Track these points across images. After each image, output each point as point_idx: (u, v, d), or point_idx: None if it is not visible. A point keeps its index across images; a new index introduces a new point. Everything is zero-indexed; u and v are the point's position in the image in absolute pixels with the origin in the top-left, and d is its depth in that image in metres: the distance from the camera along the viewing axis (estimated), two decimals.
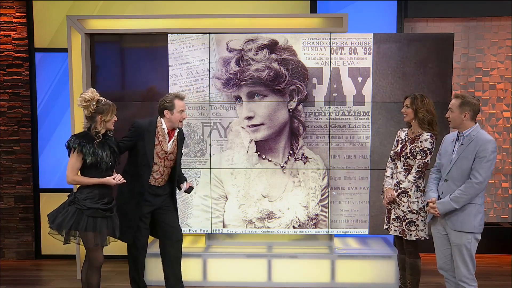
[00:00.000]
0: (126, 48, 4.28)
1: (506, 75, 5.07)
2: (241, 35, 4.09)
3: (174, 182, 3.56)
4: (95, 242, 3.09)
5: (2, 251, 4.95)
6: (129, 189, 3.39)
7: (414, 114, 3.31)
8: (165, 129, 3.41)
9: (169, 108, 3.39)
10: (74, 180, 3.07)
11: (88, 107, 3.07)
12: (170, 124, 3.42)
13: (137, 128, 3.39)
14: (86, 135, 3.09)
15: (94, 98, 3.07)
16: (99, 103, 3.09)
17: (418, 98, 3.31)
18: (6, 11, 4.81)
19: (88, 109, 3.07)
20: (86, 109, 3.08)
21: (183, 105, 3.43)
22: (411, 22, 5.01)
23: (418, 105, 3.29)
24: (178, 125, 3.44)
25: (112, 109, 3.13)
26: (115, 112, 3.15)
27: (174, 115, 3.39)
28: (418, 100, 3.30)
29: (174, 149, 3.49)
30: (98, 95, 3.11)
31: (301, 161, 4.16)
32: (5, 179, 4.91)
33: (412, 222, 3.27)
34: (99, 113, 3.08)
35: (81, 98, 3.07)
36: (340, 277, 4.08)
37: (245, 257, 4.12)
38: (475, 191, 2.90)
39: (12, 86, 4.86)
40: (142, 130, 3.37)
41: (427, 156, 3.23)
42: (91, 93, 3.09)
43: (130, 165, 3.46)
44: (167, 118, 3.41)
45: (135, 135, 3.38)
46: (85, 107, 3.07)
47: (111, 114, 3.12)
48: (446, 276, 3.16)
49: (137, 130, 3.38)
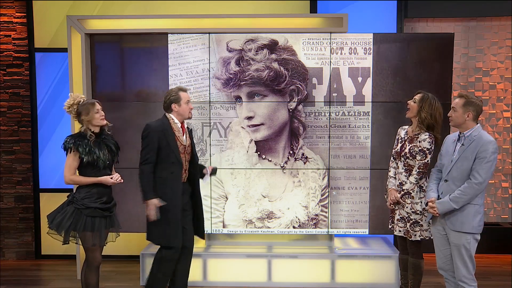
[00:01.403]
0: (126, 48, 4.28)
1: (506, 75, 5.07)
2: (241, 35, 4.09)
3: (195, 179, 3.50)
4: (92, 242, 3.10)
5: (2, 251, 4.95)
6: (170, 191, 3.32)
7: (418, 111, 3.26)
8: (178, 124, 3.41)
9: (176, 100, 3.38)
10: (71, 179, 3.10)
11: (71, 112, 3.18)
12: (180, 118, 3.41)
13: (153, 130, 3.31)
14: (81, 135, 3.13)
15: (75, 102, 3.16)
16: (79, 105, 3.16)
17: (428, 98, 3.24)
18: (6, 11, 4.81)
19: (72, 113, 3.18)
20: (71, 114, 3.19)
21: (188, 96, 3.43)
22: (411, 22, 5.01)
23: (424, 105, 3.23)
24: (188, 116, 3.42)
25: (90, 107, 3.13)
26: (94, 109, 3.14)
27: (182, 106, 3.38)
28: (428, 99, 3.23)
29: (188, 142, 3.48)
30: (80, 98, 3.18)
31: (301, 161, 4.16)
32: (5, 179, 4.92)
33: (416, 223, 3.26)
34: (80, 115, 3.15)
35: (65, 104, 3.18)
36: (340, 277, 4.08)
37: (245, 257, 4.12)
38: (475, 191, 2.90)
39: (12, 86, 4.86)
40: (159, 130, 3.32)
41: (427, 156, 3.22)
42: (72, 98, 3.18)
43: (161, 169, 3.34)
44: (175, 111, 3.39)
45: (154, 136, 3.30)
46: (70, 112, 3.19)
47: (90, 112, 3.12)
48: (445, 276, 3.16)
49: (153, 131, 3.31)
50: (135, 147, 4.20)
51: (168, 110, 3.41)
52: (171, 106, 3.38)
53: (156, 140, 3.29)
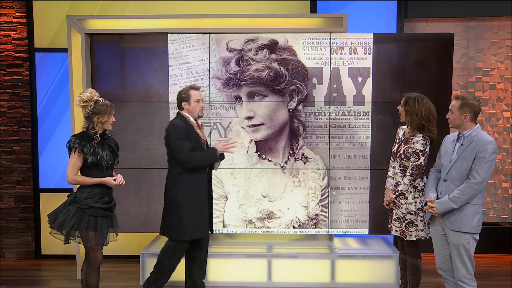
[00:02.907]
0: (126, 48, 4.28)
1: (506, 75, 5.07)
2: (241, 35, 4.09)
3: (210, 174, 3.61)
4: (96, 242, 3.11)
5: (2, 251, 4.95)
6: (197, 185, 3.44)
7: (405, 115, 3.29)
8: (193, 121, 3.48)
9: (186, 99, 3.45)
10: (74, 179, 3.09)
11: (86, 108, 3.08)
12: (192, 116, 3.48)
13: (179, 126, 3.39)
14: (85, 135, 3.10)
15: (92, 99, 3.08)
16: (97, 104, 3.09)
17: (411, 99, 3.24)
18: (6, 11, 4.81)
19: (86, 109, 3.08)
20: (84, 109, 3.09)
21: (199, 94, 3.48)
22: (411, 22, 5.01)
23: (408, 107, 3.24)
24: (198, 114, 3.50)
25: (110, 110, 3.12)
26: (112, 113, 3.14)
27: (191, 105, 3.45)
28: (410, 101, 3.23)
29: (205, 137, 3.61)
30: (97, 95, 3.12)
31: (301, 161, 4.16)
32: (5, 179, 4.92)
33: (411, 223, 3.27)
34: (96, 114, 3.08)
35: (79, 98, 3.09)
36: (340, 277, 4.08)
37: (245, 257, 4.12)
38: (474, 191, 2.90)
39: (12, 86, 4.86)
40: (183, 126, 3.40)
41: (420, 158, 3.20)
42: (89, 93, 3.09)
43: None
44: (186, 109, 3.47)
45: (182, 131, 3.38)
46: (83, 107, 3.09)
47: (108, 115, 3.11)
48: (445, 276, 3.16)
49: (180, 127, 3.39)
50: (135, 147, 4.22)
51: (180, 108, 3.50)
52: (182, 104, 3.47)
53: (185, 134, 3.38)
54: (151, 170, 4.19)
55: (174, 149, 3.38)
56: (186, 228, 3.39)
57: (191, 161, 3.35)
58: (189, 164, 3.35)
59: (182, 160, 3.35)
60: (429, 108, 3.22)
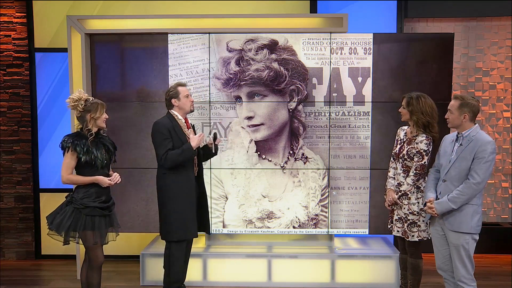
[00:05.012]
0: (126, 48, 4.28)
1: (506, 75, 5.07)
2: (241, 35, 4.09)
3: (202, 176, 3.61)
4: (94, 241, 3.11)
5: (2, 251, 4.95)
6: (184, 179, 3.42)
7: (410, 115, 3.28)
8: (182, 120, 3.47)
9: (175, 95, 3.44)
10: (68, 179, 3.11)
11: (77, 107, 3.12)
12: (182, 112, 3.47)
13: (163, 125, 3.38)
14: (79, 134, 3.13)
15: (81, 98, 3.12)
16: (87, 102, 3.13)
17: (413, 98, 3.25)
18: (6, 11, 4.81)
19: (77, 109, 3.13)
20: (76, 109, 3.14)
21: (186, 90, 3.48)
22: (411, 22, 5.01)
23: (413, 106, 3.24)
24: (190, 109, 3.49)
25: (101, 107, 3.16)
26: (104, 109, 3.18)
27: (181, 100, 3.44)
28: (413, 100, 3.24)
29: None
30: (86, 95, 3.17)
31: (301, 161, 4.16)
32: (5, 179, 4.92)
33: (413, 223, 3.26)
34: (87, 111, 3.12)
35: (69, 99, 3.13)
36: (340, 277, 4.08)
37: (245, 257, 4.12)
38: (473, 191, 2.90)
39: (12, 86, 4.86)
40: (168, 126, 3.39)
41: (424, 158, 3.21)
42: (78, 93, 3.14)
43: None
44: (177, 107, 3.45)
45: (165, 131, 3.37)
46: (74, 108, 3.13)
47: (100, 111, 3.15)
48: (445, 276, 3.16)
49: (163, 127, 3.37)
50: (135, 147, 4.22)
51: (170, 107, 3.48)
52: (171, 102, 3.45)
53: (168, 133, 3.36)
54: (151, 170, 4.19)
55: (155, 149, 3.41)
56: (172, 230, 3.39)
57: (167, 159, 3.33)
58: (166, 163, 3.34)
59: (159, 159, 3.37)
60: (432, 104, 3.26)
